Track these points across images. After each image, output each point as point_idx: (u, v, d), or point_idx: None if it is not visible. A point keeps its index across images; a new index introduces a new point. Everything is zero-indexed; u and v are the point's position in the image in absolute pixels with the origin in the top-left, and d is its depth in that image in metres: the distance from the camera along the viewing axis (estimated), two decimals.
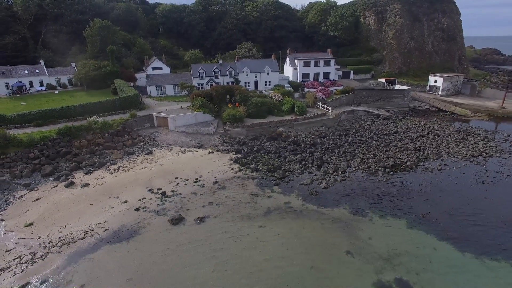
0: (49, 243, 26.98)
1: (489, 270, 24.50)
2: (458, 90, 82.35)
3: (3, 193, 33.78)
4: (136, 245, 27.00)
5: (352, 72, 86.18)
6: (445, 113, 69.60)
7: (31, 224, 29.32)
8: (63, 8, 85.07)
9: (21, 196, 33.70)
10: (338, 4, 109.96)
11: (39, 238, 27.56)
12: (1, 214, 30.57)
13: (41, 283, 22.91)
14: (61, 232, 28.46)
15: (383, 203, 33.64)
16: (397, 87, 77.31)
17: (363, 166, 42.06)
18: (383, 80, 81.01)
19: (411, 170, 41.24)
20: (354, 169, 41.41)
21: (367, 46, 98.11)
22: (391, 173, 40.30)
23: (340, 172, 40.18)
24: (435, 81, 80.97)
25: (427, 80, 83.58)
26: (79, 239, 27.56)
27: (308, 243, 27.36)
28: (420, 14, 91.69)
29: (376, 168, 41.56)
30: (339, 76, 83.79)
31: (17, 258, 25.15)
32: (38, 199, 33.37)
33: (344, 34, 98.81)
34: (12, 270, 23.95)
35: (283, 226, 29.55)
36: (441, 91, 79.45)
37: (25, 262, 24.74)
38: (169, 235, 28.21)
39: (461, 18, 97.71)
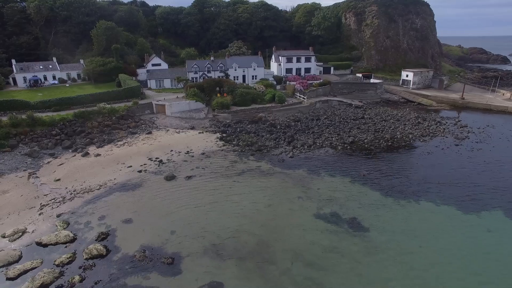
0: (73, 191, 35.83)
1: (401, 206, 33.28)
2: (428, 84, 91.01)
3: (35, 160, 42.76)
4: (139, 193, 35.82)
5: (332, 68, 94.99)
6: (413, 104, 78.43)
7: (58, 180, 38.19)
8: (72, 10, 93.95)
9: (48, 162, 42.66)
10: (322, 6, 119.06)
11: (66, 188, 36.44)
12: (36, 173, 39.56)
13: (72, 214, 31.77)
14: (81, 185, 37.29)
15: (335, 167, 42.44)
16: (372, 81, 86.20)
17: (326, 142, 50.90)
18: (360, 75, 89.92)
19: (366, 146, 50.03)
20: (318, 144, 50.24)
21: (347, 44, 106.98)
22: (348, 147, 49.14)
23: (306, 147, 49.02)
24: (407, 75, 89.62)
25: (401, 75, 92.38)
26: (96, 189, 36.38)
27: (269, 190, 36.18)
28: (395, 15, 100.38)
29: (337, 143, 50.40)
30: (320, 71, 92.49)
31: (52, 199, 34.03)
32: (62, 164, 42.33)
33: (327, 34, 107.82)
34: (50, 206, 32.84)
35: (252, 180, 38.46)
36: (412, 84, 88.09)
37: (58, 202, 33.60)
38: (164, 186, 37.06)
39: (435, 19, 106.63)
